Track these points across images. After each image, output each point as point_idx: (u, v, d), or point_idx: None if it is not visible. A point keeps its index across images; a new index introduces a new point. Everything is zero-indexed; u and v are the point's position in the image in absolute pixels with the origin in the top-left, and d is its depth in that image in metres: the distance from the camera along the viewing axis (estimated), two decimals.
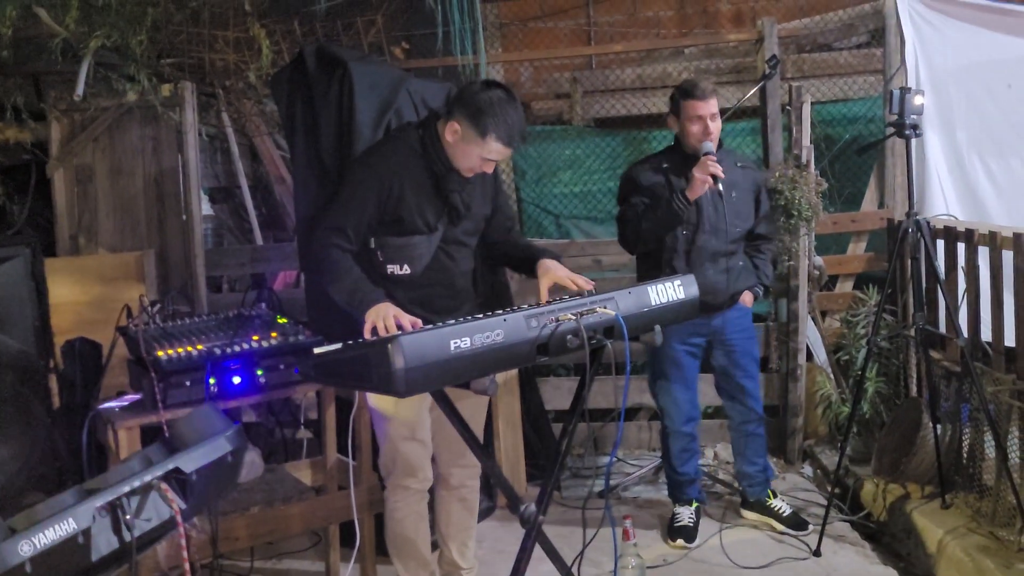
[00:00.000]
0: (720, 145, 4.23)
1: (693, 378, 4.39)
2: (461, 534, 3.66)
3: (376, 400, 3.38)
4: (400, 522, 3.50)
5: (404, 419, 3.35)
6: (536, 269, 3.29)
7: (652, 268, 4.19)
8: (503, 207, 3.59)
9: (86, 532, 1.98)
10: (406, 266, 3.26)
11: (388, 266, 3.26)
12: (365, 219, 3.20)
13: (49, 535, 1.91)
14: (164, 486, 2.17)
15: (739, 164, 4.31)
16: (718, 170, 3.93)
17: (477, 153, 3.15)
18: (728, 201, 4.15)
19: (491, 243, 3.53)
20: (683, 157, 4.18)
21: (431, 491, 3.60)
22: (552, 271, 3.24)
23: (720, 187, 3.97)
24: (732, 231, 4.19)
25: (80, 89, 4.96)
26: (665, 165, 4.22)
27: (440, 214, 3.27)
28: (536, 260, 3.31)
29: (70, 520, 1.96)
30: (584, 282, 3.11)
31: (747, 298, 4.34)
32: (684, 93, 4.12)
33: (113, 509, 2.06)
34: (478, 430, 3.54)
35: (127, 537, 2.07)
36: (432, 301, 3.28)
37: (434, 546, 3.79)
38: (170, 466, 2.21)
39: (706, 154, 3.99)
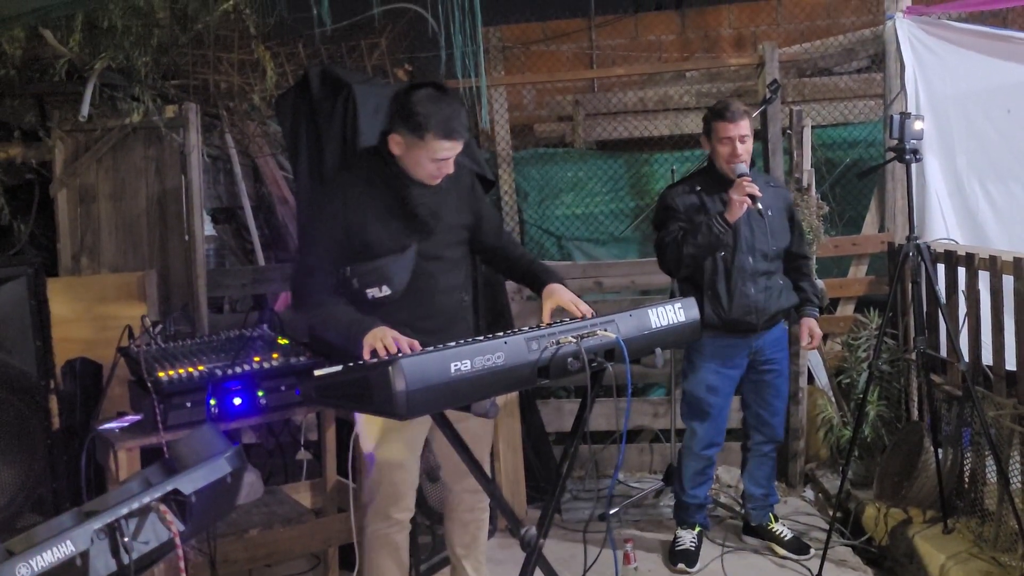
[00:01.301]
0: (752, 164, 4.24)
1: (725, 404, 4.34)
2: (475, 552, 3.62)
3: (364, 425, 3.31)
4: (378, 553, 3.39)
5: (392, 445, 3.27)
6: (542, 291, 3.26)
7: (693, 291, 4.17)
8: (488, 213, 3.52)
9: (84, 555, 1.97)
10: (384, 287, 3.19)
11: (367, 291, 3.19)
12: (335, 252, 3.16)
13: (47, 558, 1.89)
14: (163, 508, 2.16)
15: (770, 184, 4.31)
16: (755, 190, 3.92)
17: (425, 156, 3.08)
18: (762, 220, 4.15)
19: (488, 249, 3.49)
20: (716, 178, 4.18)
21: (429, 515, 3.57)
22: (557, 294, 3.22)
23: (760, 207, 3.96)
24: (769, 250, 4.18)
25: (85, 110, 4.98)
26: (699, 188, 4.21)
27: (409, 231, 3.20)
28: (543, 282, 3.29)
29: (68, 543, 1.94)
30: (586, 309, 3.10)
31: (815, 328, 4.33)
32: (715, 114, 4.12)
33: (111, 531, 2.04)
34: (484, 451, 3.51)
35: (125, 560, 2.05)
36: (412, 323, 3.17)
37: (445, 562, 3.77)
38: (169, 487, 2.20)
39: (741, 175, 3.99)
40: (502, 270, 3.58)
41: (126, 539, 2.06)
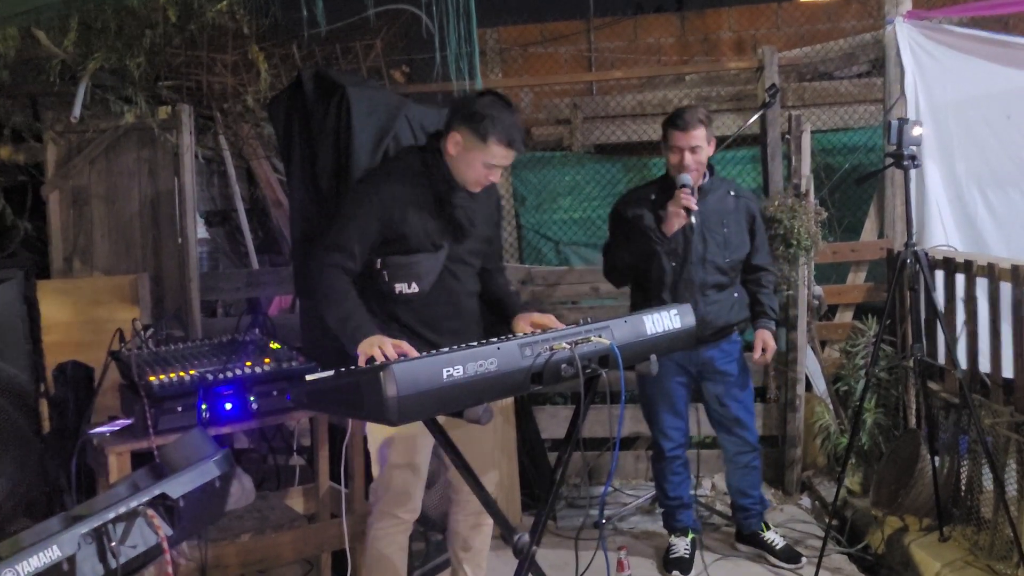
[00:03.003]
0: (712, 172, 4.21)
1: (682, 405, 4.34)
2: (476, 556, 3.63)
3: (375, 425, 3.32)
4: (381, 552, 3.41)
5: (402, 446, 3.30)
6: (513, 319, 3.33)
7: (643, 300, 4.16)
8: (499, 236, 3.61)
9: (71, 559, 1.96)
10: (414, 284, 3.24)
11: (396, 285, 3.24)
12: (368, 240, 3.19)
13: (33, 563, 1.89)
14: (150, 512, 2.15)
15: (732, 193, 4.26)
16: (691, 203, 3.91)
17: (480, 160, 3.15)
18: (717, 231, 4.12)
19: (483, 270, 3.52)
20: (671, 186, 4.11)
21: (423, 521, 3.55)
22: (533, 314, 3.28)
23: (693, 219, 3.94)
24: (722, 262, 4.15)
25: (77, 111, 4.96)
26: (653, 196, 4.17)
27: (444, 232, 3.27)
28: (516, 310, 3.37)
29: (55, 547, 1.94)
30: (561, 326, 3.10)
31: (769, 340, 4.25)
32: (668, 121, 4.10)
33: (99, 536, 2.04)
34: (486, 457, 3.51)
35: (112, 564, 2.04)
36: (438, 322, 3.28)
37: (439, 568, 3.75)
38: (156, 492, 2.19)
39: (682, 187, 3.96)
40: (484, 295, 3.59)
41: (113, 544, 2.05)
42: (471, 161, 3.17)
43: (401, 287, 3.25)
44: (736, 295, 4.23)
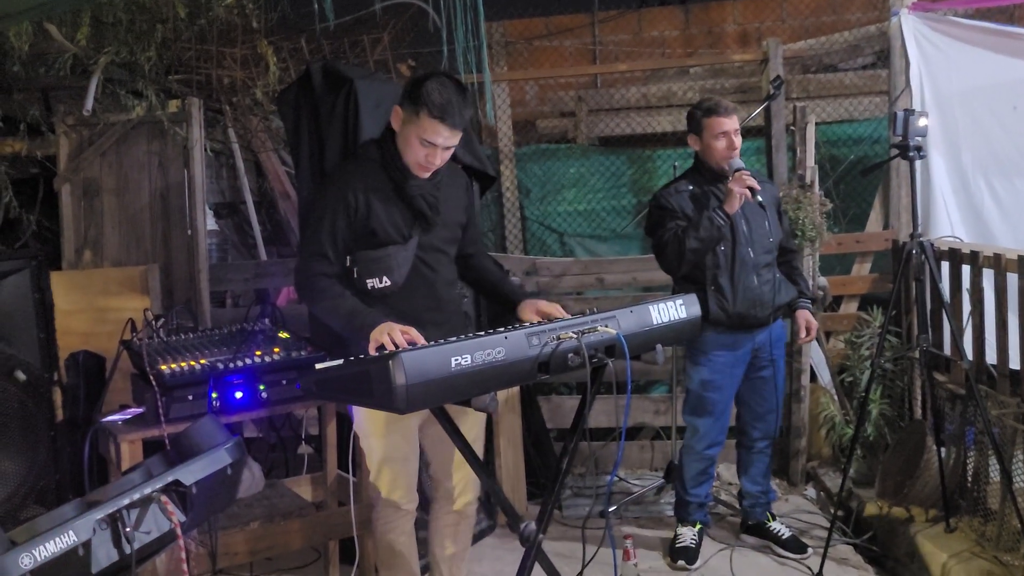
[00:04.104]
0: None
1: (729, 401, 4.34)
2: (454, 556, 3.58)
3: (364, 420, 3.33)
4: (391, 543, 3.42)
5: (394, 439, 3.30)
6: (518, 307, 3.31)
7: (693, 289, 4.14)
8: (475, 220, 3.57)
9: (86, 544, 1.98)
10: (385, 278, 3.21)
11: (367, 281, 3.21)
12: (339, 238, 3.18)
13: (50, 548, 1.91)
14: (164, 498, 2.17)
15: (757, 179, 4.30)
16: (754, 183, 3.95)
17: (415, 134, 3.09)
18: (761, 214, 4.16)
19: (464, 255, 3.51)
20: (708, 175, 4.17)
21: (422, 510, 3.56)
22: (538, 302, 3.27)
23: (760, 199, 3.97)
24: (767, 243, 4.19)
25: (89, 104, 4.98)
26: (691, 187, 4.20)
27: (411, 221, 3.24)
28: (519, 299, 3.35)
29: (70, 533, 1.96)
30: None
31: (811, 319, 4.31)
32: (707, 111, 4.10)
33: (113, 521, 2.06)
34: (478, 449, 3.49)
35: (127, 550, 2.07)
36: (418, 315, 3.21)
37: (425, 568, 3.76)
38: (170, 478, 2.21)
39: (738, 169, 4.00)
40: (471, 279, 3.61)
41: (127, 529, 2.07)
42: (408, 136, 3.12)
43: (373, 282, 3.21)
44: (778, 275, 4.26)
